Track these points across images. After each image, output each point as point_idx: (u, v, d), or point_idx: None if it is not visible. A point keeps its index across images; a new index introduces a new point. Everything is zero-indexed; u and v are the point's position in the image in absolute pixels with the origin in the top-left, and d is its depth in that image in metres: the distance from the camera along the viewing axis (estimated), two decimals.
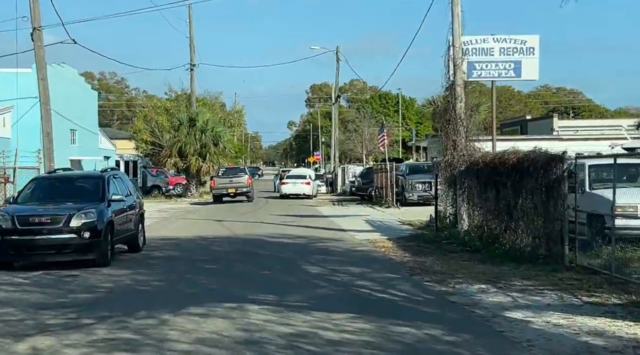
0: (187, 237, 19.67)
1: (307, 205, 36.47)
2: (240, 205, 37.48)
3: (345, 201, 38.53)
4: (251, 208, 34.41)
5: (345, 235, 19.83)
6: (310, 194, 42.49)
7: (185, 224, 25.01)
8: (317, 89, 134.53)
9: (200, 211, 33.23)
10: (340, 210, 31.78)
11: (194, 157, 44.09)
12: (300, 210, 32.09)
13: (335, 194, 46.85)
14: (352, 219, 25.98)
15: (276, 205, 36.97)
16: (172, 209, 34.90)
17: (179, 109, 46.29)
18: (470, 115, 18.04)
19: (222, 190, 39.89)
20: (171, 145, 44.10)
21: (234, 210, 33.33)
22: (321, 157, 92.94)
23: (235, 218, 27.34)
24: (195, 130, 44.30)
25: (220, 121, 46.68)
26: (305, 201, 40.14)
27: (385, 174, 33.05)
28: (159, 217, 28.73)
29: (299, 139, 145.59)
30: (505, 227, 14.60)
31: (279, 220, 25.77)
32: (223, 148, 45.00)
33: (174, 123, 44.70)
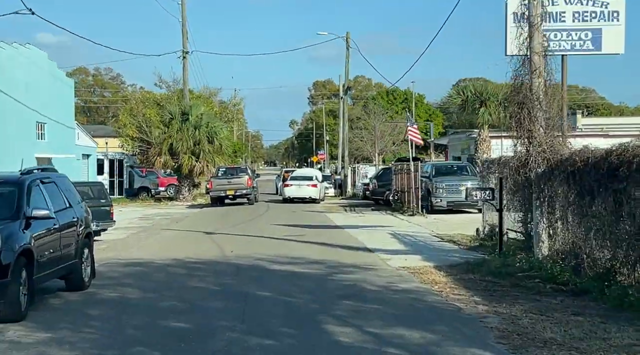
0: (161, 262, 14.68)
1: (315, 211, 31.49)
2: (238, 210, 32.49)
3: (358, 206, 33.53)
4: (250, 215, 29.43)
5: (374, 258, 14.84)
6: (317, 197, 37.51)
7: (165, 239, 20.03)
8: (320, 86, 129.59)
9: (190, 218, 28.26)
10: (356, 218, 26.79)
11: (186, 155, 39.14)
12: (307, 218, 27.12)
13: (345, 198, 41.84)
14: (374, 231, 21.01)
15: (279, 211, 32.00)
16: (157, 215, 29.92)
17: (170, 101, 41.32)
18: (553, 97, 12.97)
19: (220, 192, 35.99)
20: (161, 142, 39.15)
21: (229, 217, 28.34)
22: (326, 156, 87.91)
23: (229, 229, 22.37)
24: (188, 126, 39.35)
25: (217, 116, 41.74)
26: (312, 206, 35.16)
27: (408, 176, 28.07)
28: (137, 228, 23.74)
29: (301, 138, 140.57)
30: (634, 259, 9.60)
31: (284, 232, 20.81)
32: (219, 146, 40.01)
33: (164, 117, 39.74)
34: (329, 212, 30.45)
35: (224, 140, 40.61)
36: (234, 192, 36.01)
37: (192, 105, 40.36)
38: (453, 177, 27.31)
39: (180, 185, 40.74)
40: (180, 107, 40.58)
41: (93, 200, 18.84)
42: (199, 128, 39.50)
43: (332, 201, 39.60)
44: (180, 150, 39.00)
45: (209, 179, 38.35)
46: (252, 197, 36.94)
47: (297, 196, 37.25)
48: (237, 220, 26.12)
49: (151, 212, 32.24)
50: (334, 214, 29.11)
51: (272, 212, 30.93)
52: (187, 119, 39.65)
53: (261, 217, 27.83)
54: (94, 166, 36.75)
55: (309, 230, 21.67)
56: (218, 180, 37.12)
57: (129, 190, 42.37)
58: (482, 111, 29.71)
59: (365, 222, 24.69)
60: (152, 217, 28.98)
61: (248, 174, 38.14)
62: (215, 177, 38.20)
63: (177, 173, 41.04)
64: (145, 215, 30.14)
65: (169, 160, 39.41)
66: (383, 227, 22.11)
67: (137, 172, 43.20)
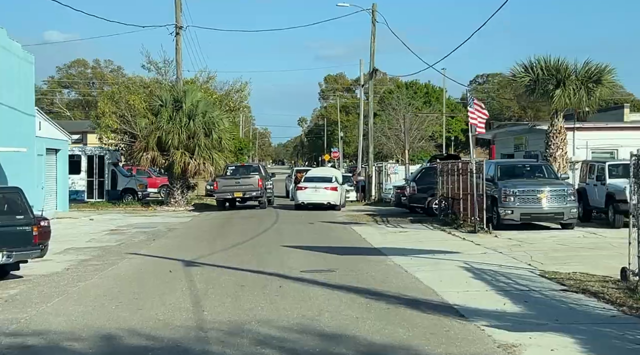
0: (76, 346, 7.75)
1: (337, 222, 24.52)
2: (241, 219, 25.58)
3: (391, 216, 26.51)
4: (254, 228, 22.48)
5: (479, 339, 7.83)
6: (337, 203, 30.56)
7: (118, 278, 13.05)
8: (331, 80, 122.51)
9: (175, 233, 21.32)
10: (397, 236, 19.73)
11: (178, 151, 32.24)
12: (330, 234, 20.19)
13: (370, 203, 34.79)
14: (437, 262, 14.01)
15: (291, 221, 25.02)
16: (135, 227, 23.08)
17: (161, 86, 34.43)
18: None
19: (226, 194, 31.47)
20: (147, 135, 32.27)
21: (227, 231, 21.43)
22: (340, 154, 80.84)
23: (220, 255, 15.47)
24: (181, 115, 32.47)
25: (216, 104, 34.85)
26: (332, 214, 28.21)
27: (464, 178, 21.09)
28: (94, 250, 16.84)
29: (311, 135, 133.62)
30: None
31: (301, 263, 13.90)
32: (218, 140, 33.10)
33: (152, 104, 32.85)
34: (357, 225, 23.47)
35: (225, 133, 33.67)
36: (242, 194, 31.11)
37: (187, 89, 33.45)
38: (527, 181, 20.30)
39: (172, 187, 33.85)
40: (171, 93, 33.70)
41: (1, 216, 12.01)
42: (194, 118, 32.62)
43: (355, 207, 32.59)
44: (171, 144, 32.13)
45: (215, 179, 33.42)
46: (263, 200, 31.85)
47: (313, 201, 30.30)
48: (236, 237, 19.19)
49: (130, 222, 25.40)
50: (364, 228, 22.11)
51: (282, 224, 23.98)
52: (180, 107, 32.77)
53: (268, 233, 20.88)
54: (65, 163, 29.96)
55: (338, 258, 14.72)
56: (225, 180, 31.87)
57: (112, 192, 35.53)
58: (558, 93, 22.69)
59: (414, 243, 17.67)
60: (126, 230, 22.11)
61: (260, 174, 32.34)
62: (222, 176, 32.42)
63: (168, 172, 34.19)
64: (119, 227, 23.29)
65: (157, 156, 32.51)
66: (444, 254, 15.14)
67: (120, 170, 36.32)
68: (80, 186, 35.06)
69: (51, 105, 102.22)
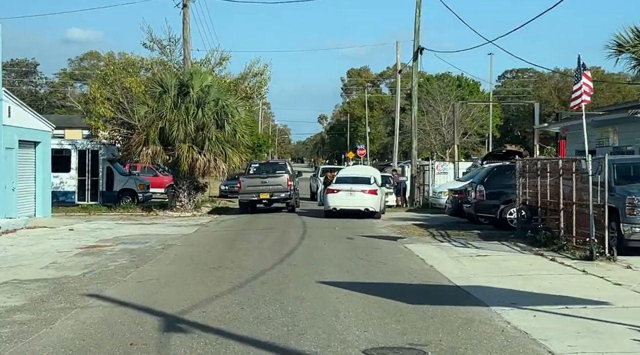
0: None
1: (383, 237, 18.85)
2: (258, 235, 19.96)
3: (448, 228, 20.78)
4: (276, 248, 16.88)
5: None
6: (377, 209, 24.92)
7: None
8: (355, 74, 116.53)
9: (164, 258, 15.70)
10: (480, 265, 13.94)
11: (184, 145, 26.87)
12: (382, 259, 14.49)
13: (413, 209, 29.00)
14: (589, 329, 8.29)
15: (323, 235, 19.38)
16: (122, 242, 17.63)
17: (165, 66, 28.97)
18: None
19: (252, 196, 28.03)
20: (148, 125, 26.87)
21: (238, 255, 15.83)
22: (366, 151, 74.97)
23: (226, 305, 9.84)
24: (188, 103, 27.07)
25: (231, 90, 29.32)
26: (373, 225, 22.58)
27: (565, 181, 15.32)
28: (33, 292, 11.24)
29: (333, 132, 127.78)
30: None
31: (357, 327, 8.29)
32: (232, 132, 27.61)
33: (153, 89, 27.42)
34: (410, 241, 17.80)
35: (240, 125, 28.17)
36: (270, 195, 27.76)
37: (194, 71, 27.95)
38: None
39: (177, 189, 28.40)
40: (177, 76, 28.26)
41: None
42: (203, 106, 27.18)
43: (396, 215, 26.88)
44: (176, 137, 26.74)
45: (237, 177, 30.60)
46: (292, 202, 28.53)
47: (347, 208, 24.68)
48: (251, 264, 13.58)
49: (118, 234, 19.98)
50: (423, 248, 16.41)
51: (313, 239, 18.33)
52: (186, 92, 27.34)
53: (296, 255, 15.22)
54: (47, 159, 24.64)
55: (414, 313, 9.09)
56: (249, 179, 28.16)
57: (107, 193, 30.15)
58: None
59: (512, 277, 11.96)
60: (108, 248, 16.64)
61: (288, 172, 28.36)
62: (246, 175, 28.73)
63: (172, 170, 28.76)
64: (100, 243, 17.84)
65: (159, 151, 27.14)
66: (580, 305, 9.46)
67: (118, 168, 30.90)
68: (69, 186, 29.74)
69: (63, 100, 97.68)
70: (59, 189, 29.47)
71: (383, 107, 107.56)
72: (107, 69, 27.34)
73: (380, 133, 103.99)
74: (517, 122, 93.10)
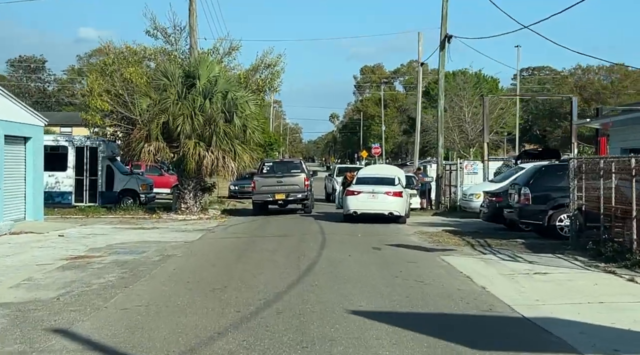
0: None
1: (413, 246, 16.37)
2: (271, 243, 17.54)
3: (486, 235, 18.29)
4: (292, 262, 14.45)
5: None
6: (402, 213, 22.47)
7: None
8: (368, 71, 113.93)
9: (159, 275, 13.27)
10: (541, 286, 11.39)
11: (190, 141, 24.55)
12: (420, 278, 11.98)
13: (441, 213, 26.46)
14: None
15: (345, 245, 16.93)
16: (106, 256, 15.31)
17: (169, 56, 26.63)
18: None
19: (266, 196, 26.55)
20: (150, 120, 24.54)
21: (247, 272, 13.40)
22: (382, 150, 72.43)
23: (223, 345, 7.45)
24: (195, 95, 24.73)
25: (241, 82, 26.92)
26: (399, 231, 20.14)
27: (637, 184, 12.80)
28: None
29: (345, 131, 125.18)
30: None
31: None
32: (242, 127, 25.23)
33: (156, 81, 25.09)
34: (446, 251, 15.37)
35: (251, 120, 25.78)
36: (285, 196, 26.33)
37: (201, 60, 25.57)
38: None
39: (182, 189, 26.05)
40: (182, 66, 25.93)
41: None
42: (210, 98, 24.84)
43: (422, 219, 24.40)
44: (180, 132, 24.41)
45: (250, 176, 29.22)
46: (309, 203, 27.05)
47: (369, 211, 22.24)
48: (263, 284, 11.17)
49: (113, 241, 17.70)
50: (464, 261, 13.95)
51: (334, 250, 15.86)
52: (192, 84, 25.00)
53: (316, 272, 12.75)
54: (39, 156, 22.35)
55: None
56: (264, 179, 26.63)
57: (107, 194, 27.86)
58: None
59: (593, 304, 9.50)
60: (97, 260, 14.31)
61: (304, 171, 27.04)
62: (259, 174, 27.16)
63: (177, 169, 26.42)
64: (89, 253, 15.55)
65: (163, 148, 24.80)
66: None
67: (119, 166, 28.62)
68: (66, 186, 27.45)
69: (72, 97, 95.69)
70: (55, 189, 27.22)
71: (397, 106, 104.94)
72: (106, 58, 25.00)
73: (394, 132, 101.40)
74: (536, 121, 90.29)
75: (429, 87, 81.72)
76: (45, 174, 26.77)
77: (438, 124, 27.61)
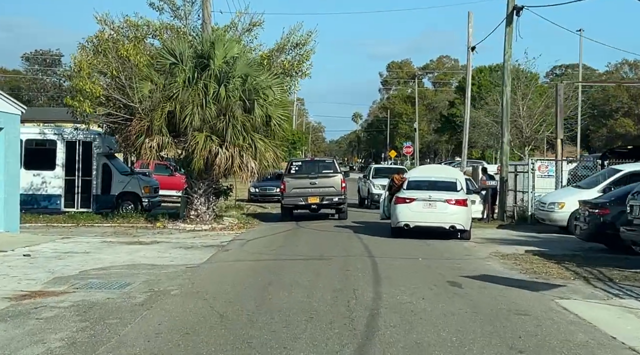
0: None
1: (509, 281, 11.57)
2: (304, 271, 12.78)
3: (597, 263, 13.48)
4: (337, 309, 9.73)
5: None
6: (467, 227, 17.71)
7: None
8: (395, 67, 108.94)
9: (137, 335, 8.65)
10: None
11: (201, 134, 20.06)
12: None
13: (508, 225, 21.37)
14: None
15: (407, 276, 12.15)
16: (73, 292, 10.81)
17: (178, 33, 22.07)
18: None
19: (298, 200, 23.52)
20: (152, 109, 20.05)
21: (270, 320, 8.67)
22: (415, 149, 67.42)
23: None
24: (207, 78, 20.24)
25: (264, 64, 22.32)
26: (468, 253, 15.39)
27: None
28: None
29: (371, 130, 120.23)
30: None
31: None
32: (264, 118, 20.68)
33: (162, 61, 20.59)
34: (555, 292, 10.61)
35: (275, 109, 21.19)
36: (320, 199, 23.25)
37: (217, 38, 21.00)
38: None
39: (191, 193, 21.50)
40: (193, 45, 21.42)
41: None
42: (226, 83, 20.33)
43: (489, 233, 19.55)
44: (189, 123, 19.90)
45: (280, 177, 26.35)
46: (344, 208, 24.10)
47: (425, 224, 17.50)
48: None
49: (92, 265, 13.29)
50: (597, 312, 9.23)
51: (396, 286, 11.07)
52: (205, 66, 20.50)
53: (381, 337, 8.02)
54: (14, 151, 17.92)
55: None
56: (295, 180, 23.49)
57: (103, 197, 23.39)
58: None
59: None
60: (50, 304, 9.77)
61: (340, 172, 24.39)
62: (288, 174, 24.05)
63: (185, 168, 21.88)
64: (53, 282, 11.14)
65: (167, 143, 20.35)
66: None
67: (117, 164, 24.18)
68: (54, 188, 23.02)
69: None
70: (40, 191, 22.85)
71: (425, 103, 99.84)
72: (99, 32, 20.48)
73: (423, 130, 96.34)
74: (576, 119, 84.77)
75: (463, 82, 76.68)
76: (30, 173, 22.61)
77: (502, 115, 22.68)
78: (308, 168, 24.42)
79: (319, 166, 24.68)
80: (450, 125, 70.99)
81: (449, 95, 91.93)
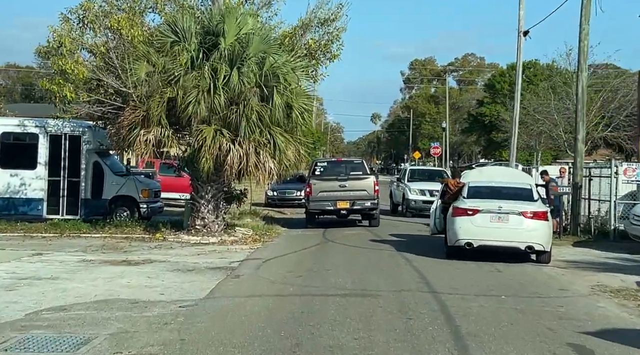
0: None
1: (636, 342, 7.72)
2: (337, 317, 8.88)
3: None
4: None
5: None
6: (547, 248, 13.72)
7: None
8: (418, 65, 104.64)
9: None
10: None
11: (209, 127, 16.34)
12: None
13: (584, 241, 17.14)
14: None
15: (502, 335, 8.29)
16: None
17: (181, 5, 18.26)
18: None
19: (325, 205, 20.81)
20: (149, 96, 16.34)
21: None
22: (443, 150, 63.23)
23: None
24: (216, 59, 16.51)
25: (285, 44, 18.52)
26: (565, 289, 11.45)
27: None
28: None
29: (392, 130, 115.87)
30: None
31: None
32: (284, 108, 16.88)
33: (162, 38, 16.87)
34: None
35: (298, 98, 17.38)
36: (350, 204, 20.67)
37: (228, 11, 17.22)
38: None
39: (198, 199, 17.72)
40: (200, 20, 17.66)
41: None
42: (240, 65, 16.57)
43: (567, 253, 15.55)
44: (193, 114, 16.17)
45: (304, 180, 24.99)
46: (377, 214, 21.53)
47: (493, 243, 13.59)
48: None
49: (51, 304, 9.73)
50: None
51: (488, 351, 7.27)
52: (214, 44, 16.76)
53: None
54: None
55: None
56: (323, 182, 20.91)
57: (93, 202, 19.67)
58: None
59: None
60: None
61: (372, 174, 22.11)
62: (314, 175, 21.39)
63: (191, 169, 18.12)
64: None
65: (167, 137, 16.58)
66: None
67: (111, 163, 20.46)
68: (35, 191, 19.30)
69: None
70: (19, 194, 19.20)
71: (450, 103, 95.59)
72: (87, 3, 16.74)
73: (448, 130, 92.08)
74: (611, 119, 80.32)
75: (494, 80, 72.50)
76: (6, 173, 19.13)
77: (577, 108, 18.55)
78: (335, 169, 21.80)
79: (347, 167, 21.99)
80: (479, 125, 66.79)
81: (475, 94, 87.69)
